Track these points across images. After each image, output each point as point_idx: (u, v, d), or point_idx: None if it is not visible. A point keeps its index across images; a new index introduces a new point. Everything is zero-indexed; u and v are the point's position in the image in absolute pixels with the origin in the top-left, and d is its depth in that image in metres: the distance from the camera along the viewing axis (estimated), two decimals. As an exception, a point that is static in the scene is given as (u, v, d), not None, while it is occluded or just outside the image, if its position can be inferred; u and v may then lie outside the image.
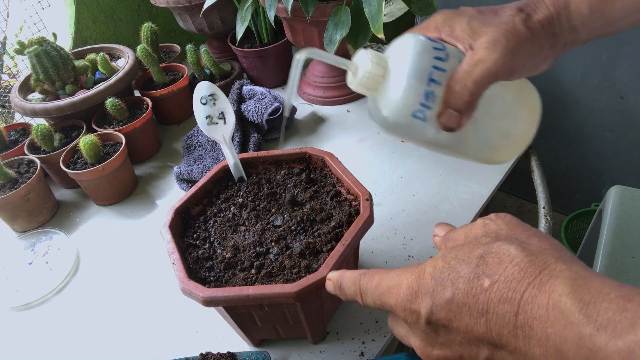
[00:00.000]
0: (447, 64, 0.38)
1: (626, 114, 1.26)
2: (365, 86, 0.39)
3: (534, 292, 0.26)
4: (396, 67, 0.38)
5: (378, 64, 0.38)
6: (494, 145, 0.43)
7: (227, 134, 0.62)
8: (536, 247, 0.29)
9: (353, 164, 0.67)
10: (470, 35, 0.38)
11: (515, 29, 0.37)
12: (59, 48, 0.91)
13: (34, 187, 0.81)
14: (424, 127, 0.39)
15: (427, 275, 0.31)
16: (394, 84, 0.38)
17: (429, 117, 0.38)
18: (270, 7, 0.79)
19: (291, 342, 0.60)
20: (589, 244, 0.98)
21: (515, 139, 0.43)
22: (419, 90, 0.37)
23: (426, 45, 0.38)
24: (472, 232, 0.34)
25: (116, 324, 0.66)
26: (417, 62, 0.37)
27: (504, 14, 0.38)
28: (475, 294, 0.28)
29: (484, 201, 0.74)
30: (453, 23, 0.40)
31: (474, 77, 0.36)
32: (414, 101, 0.37)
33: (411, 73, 0.37)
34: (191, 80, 1.05)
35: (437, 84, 0.37)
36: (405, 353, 0.53)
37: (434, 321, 0.30)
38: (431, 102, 0.38)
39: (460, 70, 0.37)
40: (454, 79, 0.37)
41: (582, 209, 1.45)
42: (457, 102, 0.37)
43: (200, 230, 0.57)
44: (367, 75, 0.38)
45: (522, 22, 0.37)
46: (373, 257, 0.68)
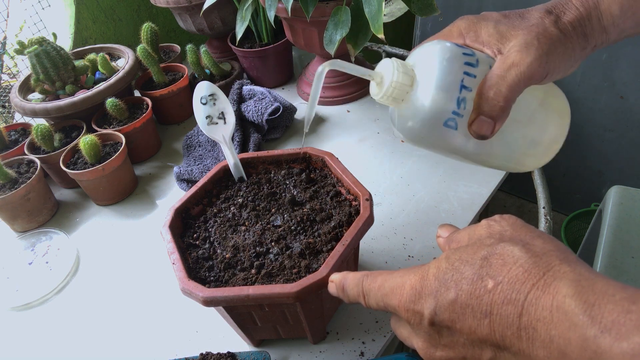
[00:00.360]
0: (478, 69, 0.37)
1: (626, 114, 1.26)
2: (392, 96, 0.38)
3: (538, 294, 0.26)
4: (424, 75, 0.37)
5: (405, 72, 0.37)
6: (523, 153, 0.42)
7: (227, 134, 0.62)
8: (540, 249, 0.29)
9: (353, 164, 0.67)
10: (499, 39, 0.37)
11: (546, 31, 0.36)
12: (59, 48, 0.91)
13: (34, 187, 0.81)
14: (455, 135, 0.38)
15: (430, 276, 0.31)
16: (423, 93, 0.37)
17: (459, 125, 0.37)
18: (270, 7, 0.79)
19: (291, 342, 0.60)
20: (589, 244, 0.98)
21: (545, 145, 0.42)
22: (452, 98, 0.36)
23: (455, 51, 0.37)
24: (476, 233, 0.34)
25: (116, 324, 0.66)
26: (448, 69, 0.36)
27: (532, 17, 0.38)
28: (479, 295, 0.28)
29: (484, 201, 0.74)
30: (478, 28, 0.39)
31: (508, 82, 0.35)
32: (446, 109, 0.36)
33: (443, 80, 0.36)
34: (191, 80, 1.05)
35: (469, 90, 0.36)
36: (405, 353, 0.53)
37: (437, 322, 0.30)
38: (462, 110, 0.36)
39: (492, 75, 0.36)
40: (487, 84, 0.36)
41: (582, 209, 1.45)
42: (491, 108, 0.35)
43: (200, 230, 0.57)
44: (394, 85, 0.37)
45: (553, 23, 0.37)
46: (373, 257, 0.68)
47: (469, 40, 0.39)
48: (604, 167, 1.41)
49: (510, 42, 0.37)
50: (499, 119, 0.36)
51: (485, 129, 0.36)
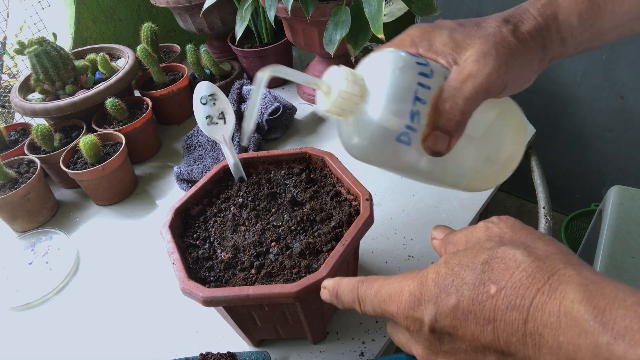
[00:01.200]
0: (432, 80, 0.34)
1: (626, 114, 1.26)
2: (340, 107, 0.34)
3: (544, 299, 0.25)
4: (375, 85, 0.34)
5: (354, 82, 0.34)
6: (477, 171, 0.39)
7: (227, 134, 0.62)
8: (543, 252, 0.28)
9: (353, 164, 0.67)
10: (454, 49, 0.35)
11: (505, 40, 0.34)
12: (59, 48, 0.91)
13: (34, 187, 0.81)
14: (407, 151, 0.35)
15: (429, 281, 0.30)
16: (374, 105, 0.34)
17: (413, 140, 0.34)
18: (270, 7, 0.79)
19: (291, 342, 0.60)
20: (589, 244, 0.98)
21: (501, 162, 0.39)
22: (405, 111, 0.33)
23: (408, 61, 0.34)
24: (474, 235, 0.33)
25: (116, 324, 0.66)
26: (401, 79, 0.33)
27: (489, 26, 0.36)
28: (481, 301, 0.27)
29: (484, 201, 0.74)
30: (432, 37, 0.37)
31: (465, 94, 0.33)
32: (399, 123, 0.33)
33: (395, 91, 0.33)
34: (191, 80, 1.05)
35: (423, 103, 0.33)
36: (405, 353, 0.53)
37: (438, 329, 0.29)
38: (416, 124, 0.34)
39: (448, 86, 0.33)
40: (443, 97, 0.33)
41: (582, 209, 1.45)
42: (447, 122, 0.33)
43: (200, 230, 0.57)
44: (342, 95, 0.34)
45: (511, 33, 0.35)
46: (373, 257, 0.68)
47: (422, 50, 0.37)
48: (604, 167, 1.41)
49: (466, 51, 0.35)
50: (455, 134, 0.34)
51: (441, 145, 0.34)
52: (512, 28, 0.35)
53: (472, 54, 0.34)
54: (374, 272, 0.66)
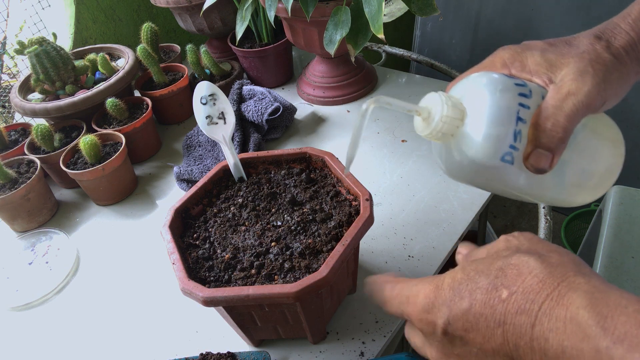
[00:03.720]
0: (531, 100, 0.35)
1: (626, 114, 1.26)
2: (442, 132, 0.36)
3: (552, 304, 0.26)
4: (476, 108, 0.35)
5: (454, 106, 0.35)
6: (576, 185, 0.39)
7: (227, 134, 0.62)
8: (555, 260, 0.29)
9: (353, 164, 0.67)
10: (548, 68, 0.36)
11: (600, 57, 0.35)
12: (59, 48, 0.91)
13: (34, 187, 0.81)
14: (510, 170, 0.36)
15: (445, 286, 0.31)
16: (476, 127, 0.35)
17: (516, 159, 0.35)
18: (270, 7, 0.79)
19: (291, 342, 0.60)
20: (589, 244, 0.98)
21: (599, 175, 0.39)
22: (508, 131, 0.34)
23: (507, 82, 0.35)
24: (494, 248, 0.34)
25: (116, 324, 0.66)
26: (503, 101, 0.34)
27: (581, 43, 0.36)
28: (493, 305, 0.28)
29: (484, 201, 0.74)
30: (524, 58, 0.38)
31: (565, 112, 0.34)
32: (503, 143, 0.34)
33: (498, 113, 0.34)
34: (191, 80, 1.05)
35: (524, 122, 0.35)
36: (405, 353, 0.53)
37: (450, 332, 0.30)
38: (519, 143, 0.35)
39: (548, 105, 0.34)
40: (543, 115, 0.34)
41: (582, 209, 1.45)
42: (549, 140, 0.34)
43: (200, 230, 0.57)
44: (444, 119, 0.35)
45: (605, 49, 0.35)
46: (373, 257, 0.68)
47: (515, 71, 0.38)
48: (604, 167, 1.40)
49: (561, 70, 0.36)
50: (558, 150, 0.35)
51: (544, 162, 0.35)
52: (605, 45, 0.36)
53: (569, 72, 0.35)
54: (374, 272, 0.65)
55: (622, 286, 0.73)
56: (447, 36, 1.56)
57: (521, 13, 1.36)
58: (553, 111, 0.34)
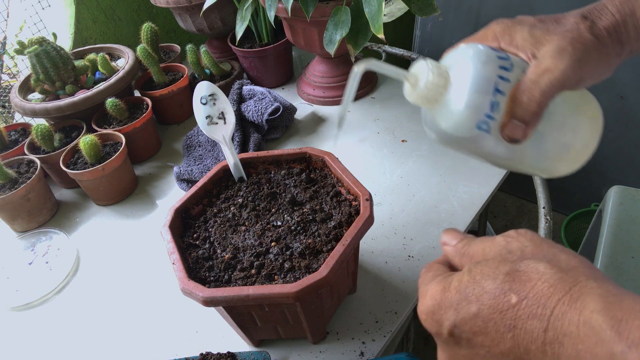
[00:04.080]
0: (512, 73, 0.37)
1: (626, 114, 1.26)
2: (426, 97, 0.38)
3: (564, 309, 0.26)
4: (459, 77, 0.37)
5: (439, 74, 0.37)
6: (554, 158, 0.42)
7: (227, 134, 0.62)
8: (565, 264, 0.29)
9: (353, 164, 0.67)
10: (533, 44, 0.38)
11: (581, 36, 0.36)
12: (59, 48, 0.91)
13: (34, 187, 0.81)
14: (486, 139, 0.38)
15: (452, 288, 0.31)
16: (457, 95, 0.37)
17: (492, 128, 0.37)
18: (270, 7, 0.79)
19: (291, 342, 0.60)
20: (589, 244, 0.98)
21: (577, 149, 0.42)
22: (485, 101, 0.36)
23: (490, 55, 0.37)
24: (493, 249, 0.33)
25: (116, 324, 0.66)
26: (482, 72, 0.37)
27: (567, 22, 0.38)
28: (502, 310, 0.28)
29: (484, 201, 0.74)
30: (513, 32, 0.39)
31: (541, 87, 0.36)
32: (479, 112, 0.37)
33: (477, 83, 0.36)
34: (191, 80, 1.05)
35: (502, 94, 0.37)
36: (405, 353, 0.53)
37: (457, 334, 0.30)
38: (495, 113, 0.37)
39: (526, 79, 0.36)
40: (521, 89, 0.36)
41: (582, 209, 1.45)
42: (524, 112, 0.36)
43: (200, 230, 0.57)
44: (428, 85, 0.37)
45: (588, 29, 0.37)
46: (373, 257, 0.68)
47: (504, 44, 0.39)
48: (604, 167, 1.41)
49: (544, 46, 0.37)
50: (531, 123, 0.36)
51: (517, 133, 0.37)
52: (589, 24, 0.37)
53: (550, 49, 0.37)
54: (374, 272, 0.66)
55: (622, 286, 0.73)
56: (447, 36, 1.56)
57: (521, 13, 1.35)
58: (530, 85, 0.36)
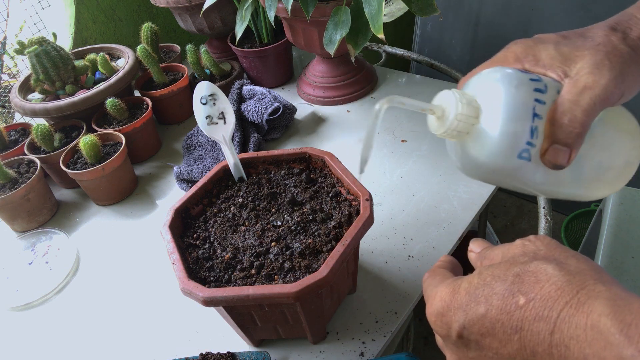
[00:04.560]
0: (547, 95, 0.34)
1: (626, 114, 1.26)
2: (457, 130, 0.35)
3: (572, 312, 0.26)
4: (490, 104, 0.34)
5: (469, 104, 0.35)
6: (594, 179, 0.38)
7: (227, 134, 0.62)
8: (574, 268, 0.29)
9: (353, 164, 0.67)
10: (562, 62, 0.35)
11: (616, 49, 0.34)
12: (59, 48, 0.91)
13: (34, 187, 0.81)
14: (527, 167, 0.35)
15: (461, 290, 0.31)
16: (492, 124, 0.34)
17: (533, 155, 0.35)
18: (270, 7, 0.79)
19: (291, 342, 0.60)
20: (589, 244, 0.98)
21: (618, 169, 0.39)
22: (524, 128, 0.34)
23: (522, 78, 0.35)
24: (510, 252, 0.33)
25: (116, 324, 0.66)
26: (518, 97, 0.34)
27: (596, 35, 0.35)
28: (510, 311, 0.28)
29: (484, 201, 0.74)
30: (537, 51, 0.37)
31: (583, 106, 0.33)
32: (519, 140, 0.34)
33: (514, 109, 0.34)
34: (191, 80, 1.05)
35: (540, 118, 0.34)
36: (405, 353, 0.53)
37: (465, 336, 0.30)
38: (535, 140, 0.34)
39: (564, 100, 0.34)
40: (560, 110, 0.34)
41: (582, 209, 1.45)
42: (567, 135, 0.33)
43: (200, 230, 0.57)
44: (459, 118, 0.34)
45: (621, 41, 0.34)
46: (373, 257, 0.68)
47: (528, 65, 0.37)
48: (604, 167, 1.40)
49: (576, 63, 0.35)
50: (576, 146, 0.34)
51: (562, 158, 0.34)
52: (621, 36, 0.35)
53: (585, 65, 0.34)
54: (374, 272, 0.66)
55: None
56: (447, 36, 1.56)
57: (521, 13, 1.36)
58: (570, 106, 0.33)
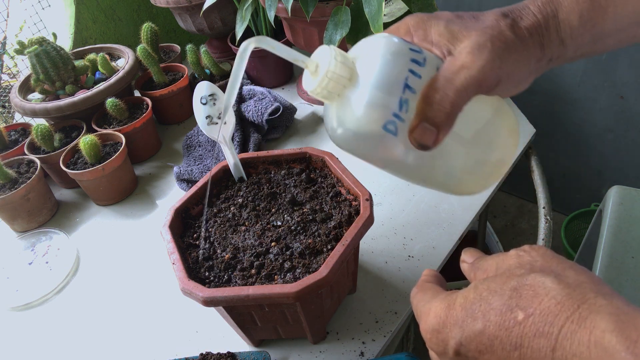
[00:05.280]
0: (424, 69, 0.32)
1: (626, 114, 1.26)
2: (327, 89, 0.32)
3: (574, 328, 0.25)
4: (365, 69, 0.32)
5: (344, 63, 0.32)
6: (467, 171, 0.37)
7: (227, 134, 0.62)
8: (573, 280, 0.28)
9: (353, 164, 0.67)
10: (449, 40, 0.34)
11: (501, 34, 0.33)
12: (59, 48, 0.91)
13: (34, 187, 0.81)
14: (393, 142, 0.33)
15: (457, 305, 0.30)
16: (362, 89, 0.32)
17: (400, 130, 0.32)
18: (270, 7, 0.79)
19: (291, 342, 0.60)
20: (589, 244, 0.98)
21: (491, 165, 0.37)
22: (394, 97, 0.31)
23: (402, 47, 0.33)
24: (505, 263, 0.32)
25: (116, 324, 0.66)
26: (392, 65, 0.32)
27: (487, 19, 0.35)
28: (508, 327, 0.27)
29: (484, 201, 0.74)
30: (428, 26, 0.35)
31: (456, 85, 0.32)
32: (386, 110, 0.32)
33: (385, 76, 0.32)
34: (191, 80, 1.05)
35: (412, 92, 0.32)
36: (405, 353, 0.53)
37: (463, 353, 0.30)
38: (404, 113, 0.32)
39: (440, 76, 0.32)
40: (433, 86, 0.32)
41: (582, 209, 1.45)
42: (435, 114, 0.32)
43: (201, 230, 0.57)
44: (330, 75, 0.32)
45: (509, 27, 0.34)
46: (373, 257, 0.68)
47: (417, 39, 0.36)
48: (604, 167, 1.41)
49: (461, 43, 0.34)
50: (444, 127, 0.32)
51: (428, 138, 0.32)
52: (510, 23, 0.34)
53: (467, 45, 0.33)
54: (374, 272, 0.66)
55: (622, 286, 0.73)
56: (447, 36, 1.56)
57: (521, 13, 1.36)
58: (443, 83, 0.32)
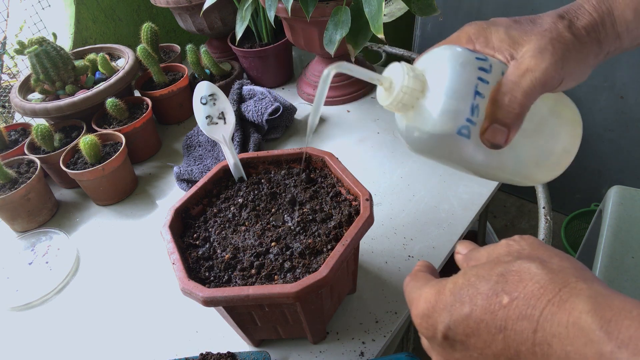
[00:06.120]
0: (491, 75, 0.36)
1: (626, 114, 1.26)
2: (402, 102, 0.36)
3: (554, 310, 0.26)
4: (436, 80, 0.36)
5: (415, 77, 0.35)
6: (534, 164, 0.40)
7: (227, 134, 0.62)
8: (557, 266, 0.29)
9: (353, 164, 0.67)
10: (511, 45, 0.37)
11: (560, 36, 0.36)
12: (59, 48, 0.91)
13: (34, 187, 0.81)
14: (466, 145, 0.36)
15: (446, 291, 0.31)
16: (435, 99, 0.35)
17: (472, 133, 0.36)
18: (270, 7, 0.79)
19: (291, 342, 0.60)
20: (589, 244, 0.98)
21: (557, 155, 0.40)
22: (466, 104, 0.35)
23: (468, 56, 0.36)
24: (495, 252, 0.34)
25: (116, 324, 0.66)
26: (461, 74, 0.35)
27: (544, 22, 0.37)
28: (494, 311, 0.28)
29: (484, 201, 0.74)
30: (488, 34, 0.38)
31: (523, 88, 0.34)
32: (459, 116, 0.35)
33: (456, 85, 0.35)
34: (191, 80, 1.05)
35: (482, 97, 0.35)
36: (405, 353, 0.53)
37: (451, 336, 0.30)
38: (475, 117, 0.35)
39: (506, 81, 0.35)
40: (501, 90, 0.35)
41: (582, 209, 1.45)
42: (505, 115, 0.35)
43: (200, 230, 0.57)
44: (404, 90, 0.35)
45: (566, 28, 0.36)
46: (373, 257, 0.68)
47: (479, 46, 0.38)
48: (604, 167, 1.41)
49: (523, 47, 0.36)
50: (514, 126, 0.35)
51: (499, 138, 0.35)
52: (567, 24, 0.36)
53: (529, 49, 0.36)
54: (374, 272, 0.66)
55: (622, 286, 0.73)
56: (447, 36, 1.56)
57: (521, 13, 1.35)
58: (511, 87, 0.35)
